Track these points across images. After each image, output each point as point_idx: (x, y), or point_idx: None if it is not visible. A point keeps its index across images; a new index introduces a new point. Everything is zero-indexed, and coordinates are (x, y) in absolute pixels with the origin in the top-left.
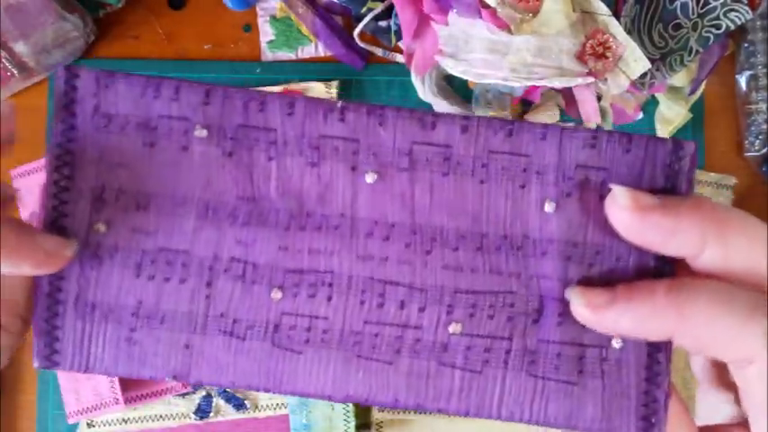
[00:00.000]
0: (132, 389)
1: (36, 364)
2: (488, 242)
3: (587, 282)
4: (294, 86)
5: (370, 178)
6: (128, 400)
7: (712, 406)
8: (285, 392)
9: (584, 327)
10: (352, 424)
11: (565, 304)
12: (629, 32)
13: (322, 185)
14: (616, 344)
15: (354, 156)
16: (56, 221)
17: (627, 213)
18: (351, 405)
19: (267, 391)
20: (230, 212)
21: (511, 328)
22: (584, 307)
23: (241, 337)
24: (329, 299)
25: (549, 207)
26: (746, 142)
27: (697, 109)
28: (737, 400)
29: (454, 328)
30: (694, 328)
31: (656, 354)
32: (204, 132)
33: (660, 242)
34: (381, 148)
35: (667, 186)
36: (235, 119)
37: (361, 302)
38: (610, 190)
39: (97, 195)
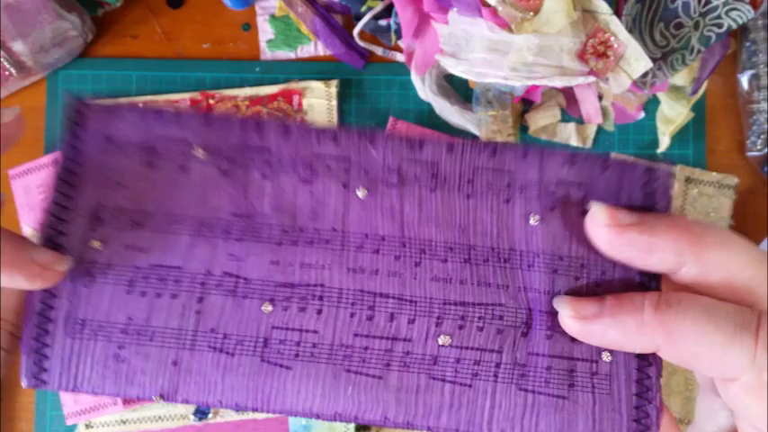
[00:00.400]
0: None
1: (24, 384)
2: (476, 254)
3: (575, 294)
4: (294, 85)
5: (360, 193)
6: (126, 402)
7: (711, 411)
8: (273, 411)
9: (573, 340)
10: (352, 425)
11: (553, 317)
12: (630, 31)
13: (314, 201)
14: (606, 357)
15: (346, 173)
16: (52, 239)
17: (605, 230)
18: None
19: (255, 410)
20: (224, 228)
21: (501, 341)
22: (571, 318)
23: (230, 353)
24: (319, 312)
25: (533, 220)
26: (748, 142)
27: (699, 108)
28: None
29: (443, 339)
30: (680, 345)
31: (647, 368)
32: (201, 152)
33: (638, 259)
34: (372, 166)
35: (646, 204)
36: (232, 140)
37: (351, 315)
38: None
39: (95, 214)
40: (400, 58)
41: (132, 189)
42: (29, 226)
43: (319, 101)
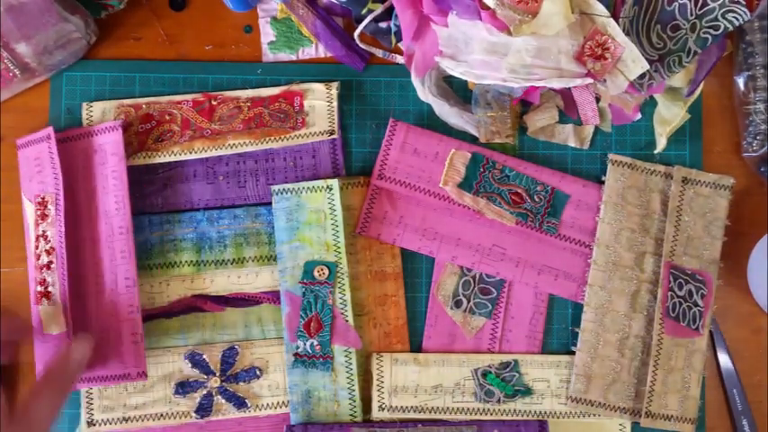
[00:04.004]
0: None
1: None
2: None
3: None
4: (295, 87)
5: None
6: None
7: None
8: None
9: None
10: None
11: None
12: (627, 34)
13: None
14: None
15: None
16: None
17: None
18: (358, 400)
19: None
20: None
21: None
22: None
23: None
24: None
25: None
26: (744, 143)
27: (695, 109)
28: None
29: None
30: None
31: None
32: None
33: None
34: None
35: None
36: None
37: None
38: None
39: None
40: (400, 59)
41: None
42: (28, 198)
43: (320, 102)
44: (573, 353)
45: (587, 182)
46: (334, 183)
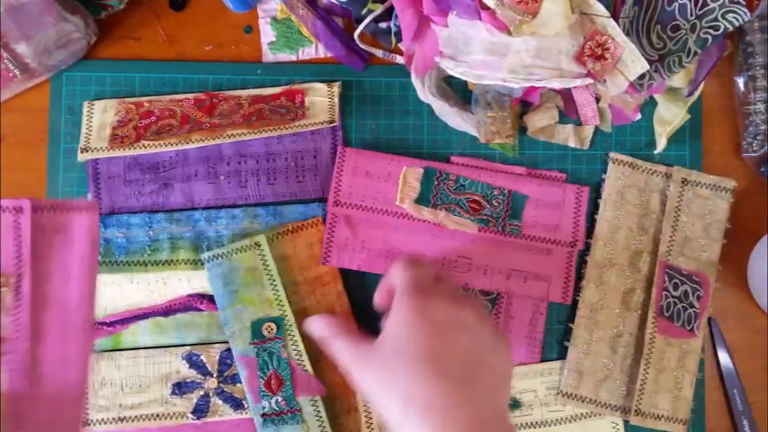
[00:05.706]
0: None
1: None
2: None
3: None
4: (297, 86)
5: None
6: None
7: None
8: None
9: None
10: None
11: None
12: (627, 34)
13: None
14: None
15: None
16: None
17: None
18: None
19: None
20: None
21: None
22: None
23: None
24: None
25: None
26: (744, 143)
27: (695, 110)
28: None
29: None
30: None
31: None
32: None
33: None
34: None
35: None
36: None
37: None
38: None
39: None
40: (400, 60)
41: None
42: None
43: (321, 99)
44: (559, 359)
45: (542, 181)
46: (262, 238)
